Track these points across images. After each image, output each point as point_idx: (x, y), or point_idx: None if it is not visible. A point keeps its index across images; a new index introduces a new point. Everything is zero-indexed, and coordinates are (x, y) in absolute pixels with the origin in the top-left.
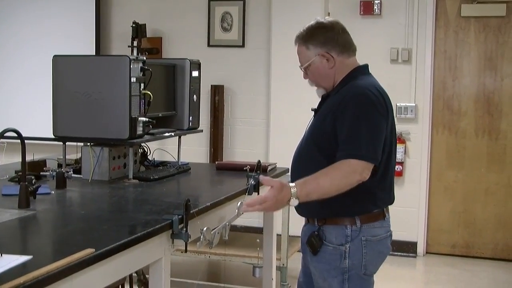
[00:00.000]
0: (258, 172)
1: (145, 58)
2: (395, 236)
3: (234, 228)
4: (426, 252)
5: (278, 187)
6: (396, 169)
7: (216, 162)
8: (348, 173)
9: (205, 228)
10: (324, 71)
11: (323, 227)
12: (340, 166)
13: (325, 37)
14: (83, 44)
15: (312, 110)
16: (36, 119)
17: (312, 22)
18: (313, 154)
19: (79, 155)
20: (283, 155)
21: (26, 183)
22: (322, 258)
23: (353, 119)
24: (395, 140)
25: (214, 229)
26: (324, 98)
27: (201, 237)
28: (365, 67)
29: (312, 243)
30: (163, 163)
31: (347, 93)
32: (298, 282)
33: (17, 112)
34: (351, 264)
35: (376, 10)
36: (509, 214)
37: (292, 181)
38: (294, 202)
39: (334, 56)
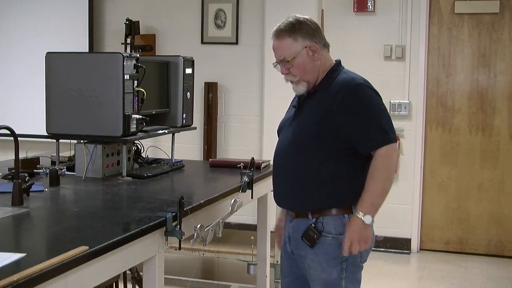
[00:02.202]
0: (252, 169)
1: (138, 55)
2: (389, 233)
3: (228, 225)
4: (420, 249)
5: (347, 226)
6: None
7: (210, 160)
8: (388, 162)
9: (198, 226)
10: (311, 63)
11: (320, 219)
12: (378, 161)
13: (312, 29)
14: (76, 41)
15: (293, 106)
16: (29, 116)
17: (291, 18)
18: (310, 149)
19: (72, 153)
20: None
21: (20, 180)
22: (321, 249)
23: (366, 110)
24: None
25: (207, 226)
26: (309, 94)
27: (195, 234)
28: (340, 62)
29: (310, 236)
30: (157, 161)
31: (342, 88)
32: (283, 282)
33: (10, 109)
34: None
35: (370, 7)
36: (502, 211)
37: (281, 178)
38: (367, 218)
39: (320, 49)
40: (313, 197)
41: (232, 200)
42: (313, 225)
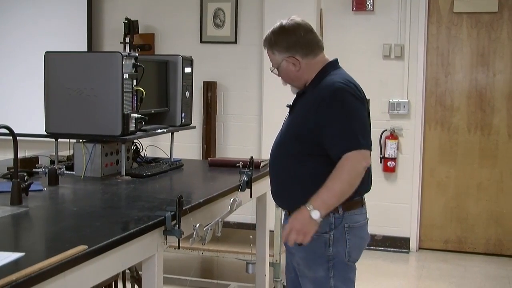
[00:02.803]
0: (251, 168)
1: (137, 54)
2: (388, 232)
3: (227, 225)
4: (419, 248)
5: (293, 214)
6: (388, 165)
7: (209, 159)
8: (352, 166)
9: (197, 225)
10: (293, 73)
11: None
12: (343, 163)
13: (288, 42)
14: (75, 40)
15: (287, 106)
16: (28, 115)
17: (276, 25)
18: (292, 148)
19: (71, 152)
20: None
21: (18, 180)
22: (307, 247)
23: (339, 114)
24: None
25: (207, 225)
26: (300, 95)
27: (194, 233)
28: (335, 62)
29: None
30: (156, 160)
31: (322, 90)
32: (289, 278)
33: (9, 108)
34: (335, 251)
35: (369, 6)
36: (501, 210)
37: (271, 176)
38: (315, 213)
39: (299, 60)
40: (297, 196)
41: (231, 199)
42: None
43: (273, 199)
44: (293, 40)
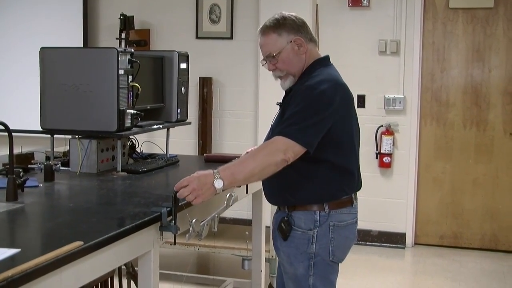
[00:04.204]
0: None
1: (133, 50)
2: (384, 228)
3: (223, 220)
4: (415, 243)
5: (200, 171)
6: (384, 160)
7: (205, 154)
8: (271, 151)
9: (194, 220)
10: (297, 56)
11: (293, 213)
12: (266, 145)
13: (297, 24)
14: (70, 36)
15: (277, 104)
16: (24, 111)
17: (276, 15)
18: None
19: (67, 148)
20: None
21: (14, 176)
22: (291, 243)
23: (295, 106)
24: (359, 131)
25: (203, 221)
26: (287, 92)
27: (190, 229)
28: (326, 58)
29: (282, 228)
30: (152, 156)
31: (301, 90)
32: (278, 272)
33: (4, 105)
34: (318, 249)
35: (365, 2)
36: (496, 205)
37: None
38: (219, 183)
39: (305, 42)
40: (285, 194)
41: (227, 195)
42: (286, 218)
43: (265, 197)
44: (301, 23)
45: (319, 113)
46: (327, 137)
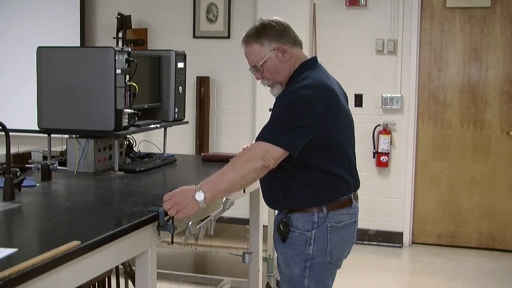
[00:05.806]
0: None
1: (130, 49)
2: (381, 227)
3: (220, 220)
4: (412, 242)
5: (183, 186)
6: (381, 159)
7: (202, 154)
8: (249, 158)
9: (190, 223)
10: (282, 64)
11: (291, 215)
12: (244, 152)
13: (277, 30)
14: (67, 35)
15: (269, 110)
16: (21, 111)
17: (256, 23)
18: None
19: (64, 147)
20: None
21: (11, 175)
22: (289, 244)
23: (275, 112)
24: (352, 130)
25: (199, 224)
26: (277, 99)
27: (187, 231)
28: (312, 60)
29: (280, 230)
30: (149, 155)
31: (283, 93)
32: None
33: (1, 104)
34: (315, 251)
35: (362, 1)
36: (493, 204)
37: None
38: (199, 195)
39: (288, 49)
40: (282, 199)
41: (224, 198)
42: (284, 219)
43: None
44: (282, 29)
45: (299, 117)
46: (314, 143)
